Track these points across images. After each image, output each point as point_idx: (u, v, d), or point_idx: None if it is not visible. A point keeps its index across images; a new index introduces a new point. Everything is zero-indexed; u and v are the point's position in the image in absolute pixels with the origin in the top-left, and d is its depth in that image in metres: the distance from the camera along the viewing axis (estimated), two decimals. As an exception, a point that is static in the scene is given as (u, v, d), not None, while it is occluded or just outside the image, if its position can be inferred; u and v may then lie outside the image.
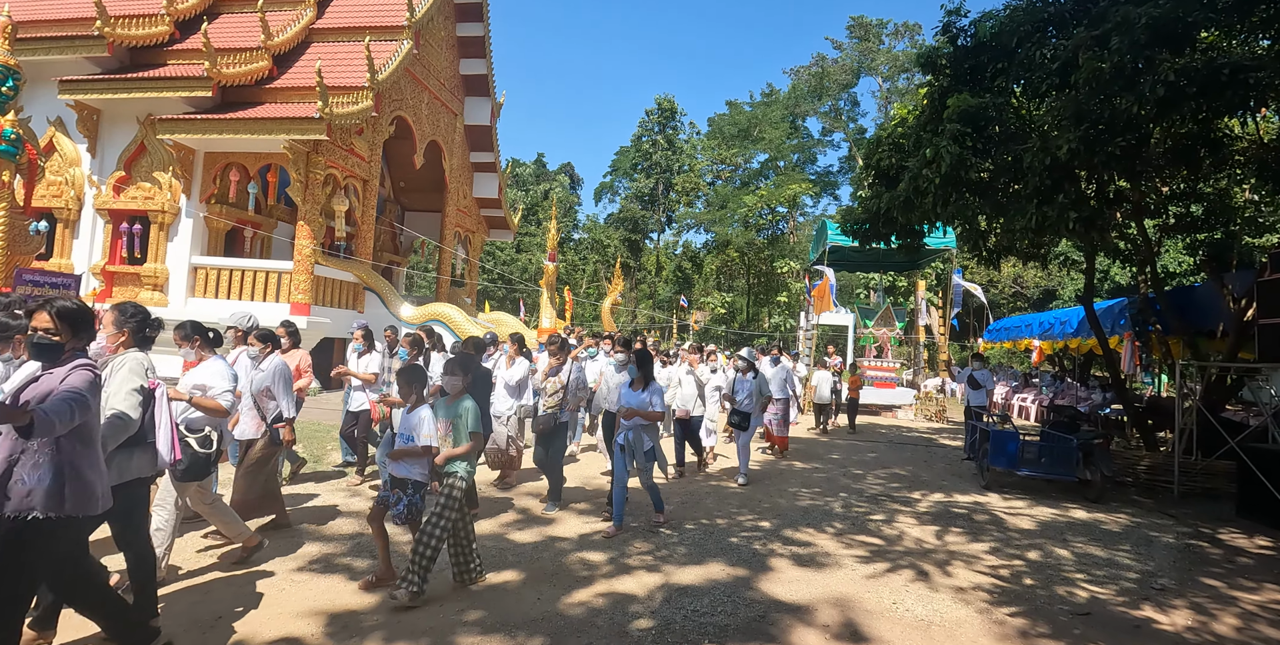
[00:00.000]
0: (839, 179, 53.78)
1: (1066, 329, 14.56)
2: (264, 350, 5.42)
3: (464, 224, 22.45)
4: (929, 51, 8.94)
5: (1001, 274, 33.60)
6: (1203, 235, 10.57)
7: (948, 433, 14.59)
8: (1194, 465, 8.55)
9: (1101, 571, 5.33)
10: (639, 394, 6.00)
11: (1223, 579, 5.27)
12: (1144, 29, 6.17)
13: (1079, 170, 7.46)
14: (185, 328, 4.68)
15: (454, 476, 4.29)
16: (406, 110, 17.66)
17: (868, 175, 9.74)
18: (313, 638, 3.64)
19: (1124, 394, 10.52)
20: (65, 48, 14.99)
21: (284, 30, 15.94)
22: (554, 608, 4.17)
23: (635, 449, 5.93)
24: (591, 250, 53.17)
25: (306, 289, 14.49)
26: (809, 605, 4.38)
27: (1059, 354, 20.39)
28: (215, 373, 4.47)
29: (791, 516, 6.70)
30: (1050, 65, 7.24)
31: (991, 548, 5.90)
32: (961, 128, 7.48)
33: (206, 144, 14.79)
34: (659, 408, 6.04)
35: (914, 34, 48.54)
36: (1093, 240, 9.13)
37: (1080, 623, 4.27)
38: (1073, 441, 8.20)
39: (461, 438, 4.37)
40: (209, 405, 4.32)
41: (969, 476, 9.31)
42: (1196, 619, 4.40)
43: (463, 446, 4.35)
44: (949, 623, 4.18)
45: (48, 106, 15.27)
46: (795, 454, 10.78)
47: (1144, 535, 6.52)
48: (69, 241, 15.60)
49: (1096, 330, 10.12)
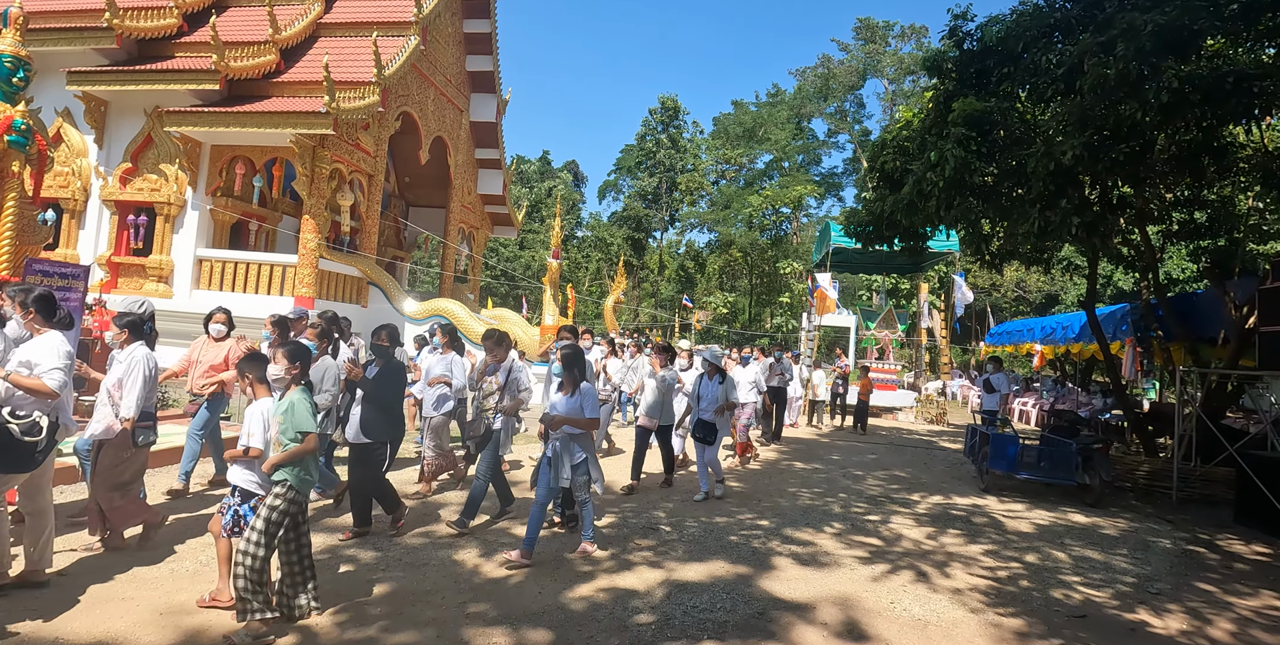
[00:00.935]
0: (843, 180, 53.89)
1: (1068, 334, 14.60)
2: (120, 338, 4.65)
3: (468, 220, 22.50)
4: (935, 55, 8.96)
5: (1004, 278, 33.61)
6: (1206, 242, 10.60)
7: (948, 435, 14.63)
8: (1193, 471, 8.58)
9: (1098, 575, 5.37)
10: (569, 399, 5.17)
11: (1219, 584, 5.31)
12: (1150, 36, 6.19)
13: (1083, 176, 7.48)
14: (20, 294, 4.13)
15: (281, 486, 3.63)
16: (413, 106, 17.70)
17: (872, 178, 9.77)
18: (318, 626, 3.69)
19: (1124, 399, 10.55)
20: (74, 39, 15.05)
21: (292, 24, 15.98)
22: (555, 601, 4.22)
23: (562, 462, 5.09)
24: (595, 248, 53.22)
25: (311, 282, 14.55)
26: (808, 603, 4.42)
27: (1060, 359, 20.40)
28: (48, 349, 3.86)
29: (791, 516, 6.74)
30: (1056, 71, 7.27)
31: (989, 550, 5.94)
32: (966, 132, 7.50)
33: (213, 137, 14.85)
34: (593, 414, 5.18)
35: (920, 36, 48.50)
36: (1095, 246, 9.16)
37: (1076, 625, 4.31)
38: (1072, 446, 8.23)
39: (287, 439, 3.66)
40: (31, 385, 3.74)
41: (968, 479, 9.35)
42: (1192, 623, 4.44)
43: (288, 450, 3.63)
44: (946, 623, 4.23)
45: (55, 97, 15.32)
46: (795, 454, 10.82)
47: (1141, 540, 6.55)
48: (75, 232, 15.66)
49: (1098, 335, 10.15)
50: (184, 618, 3.67)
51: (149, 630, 3.50)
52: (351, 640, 3.56)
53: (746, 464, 9.60)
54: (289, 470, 3.65)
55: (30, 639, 3.37)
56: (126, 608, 3.75)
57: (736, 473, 8.92)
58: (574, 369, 5.24)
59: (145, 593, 3.96)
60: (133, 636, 3.44)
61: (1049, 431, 9.37)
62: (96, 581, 4.08)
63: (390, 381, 5.44)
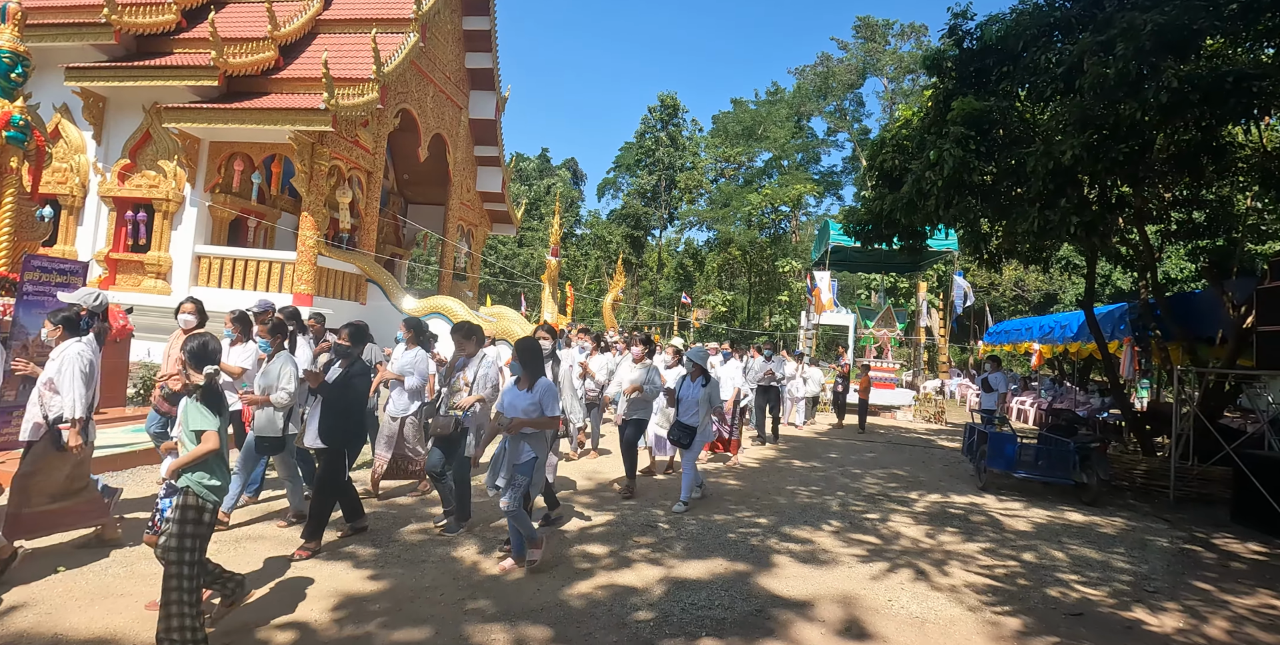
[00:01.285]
0: (843, 179, 53.93)
1: (1066, 333, 14.62)
2: (54, 334, 4.37)
3: (467, 218, 22.48)
4: (935, 54, 8.96)
5: (1003, 277, 33.65)
6: (1205, 242, 10.62)
7: (946, 434, 14.65)
8: (1190, 471, 8.60)
9: (1095, 573, 5.39)
10: (526, 394, 4.70)
11: (1215, 583, 5.33)
12: (1149, 35, 6.20)
13: (1082, 175, 7.49)
14: None
15: (185, 493, 3.31)
16: (412, 103, 17.67)
17: (871, 176, 9.78)
18: (319, 622, 3.70)
19: (1123, 399, 10.58)
20: (72, 35, 15.00)
21: (290, 21, 15.94)
22: (555, 598, 4.23)
23: (502, 463, 4.65)
24: (594, 246, 53.25)
25: (309, 279, 14.53)
26: (806, 601, 4.43)
27: (1059, 358, 20.44)
28: None
29: (790, 514, 6.76)
30: (1055, 70, 7.27)
31: (987, 548, 5.95)
32: (965, 131, 7.52)
33: (212, 133, 14.81)
34: (552, 412, 4.69)
35: (920, 35, 48.52)
36: (1094, 245, 9.18)
37: (1072, 623, 4.32)
38: (1070, 445, 8.25)
39: (188, 440, 3.38)
40: None
41: (966, 478, 9.37)
42: (1188, 621, 4.46)
43: (188, 453, 3.34)
44: (943, 621, 4.24)
45: (54, 93, 15.27)
46: (793, 452, 10.84)
47: (1139, 539, 6.57)
48: (73, 228, 15.62)
49: (1096, 335, 10.17)
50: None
51: (148, 626, 3.51)
52: (350, 637, 3.57)
53: (729, 461, 9.43)
54: (190, 475, 3.32)
55: (30, 634, 3.37)
56: (125, 603, 3.76)
57: (735, 471, 8.93)
58: (530, 363, 4.78)
59: (144, 588, 3.96)
60: (132, 632, 3.45)
61: (1047, 430, 9.39)
62: (95, 577, 4.09)
63: (349, 385, 5.04)
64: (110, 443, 6.81)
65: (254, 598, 3.96)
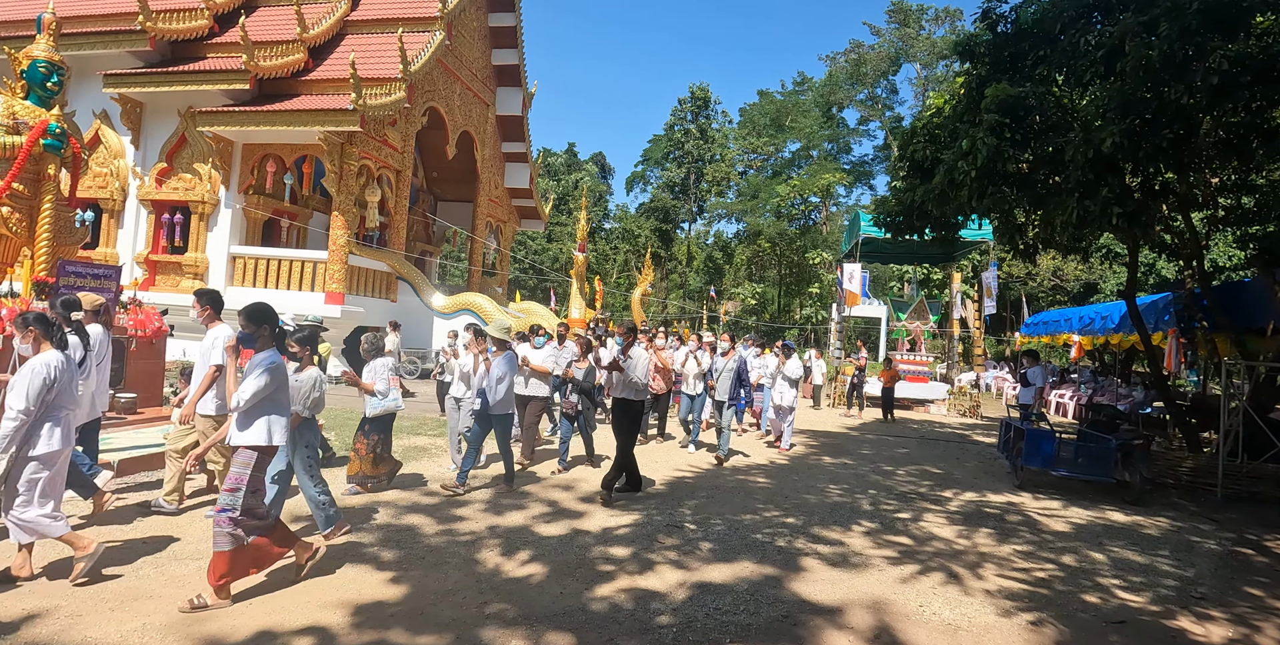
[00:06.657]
0: (874, 168, 53.05)
1: (1108, 324, 14.13)
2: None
3: (495, 214, 22.59)
4: (967, 39, 8.71)
5: (1040, 267, 32.78)
6: (1254, 228, 10.18)
7: (981, 429, 14.33)
8: (1239, 468, 8.27)
9: (1138, 578, 5.18)
10: None
11: (1267, 589, 5.09)
12: (1195, 14, 5.92)
13: (1123, 163, 7.21)
14: None
15: None
16: (439, 101, 17.78)
17: (902, 166, 9.55)
18: (338, 626, 3.71)
19: (1167, 392, 10.21)
20: (109, 42, 15.39)
21: (319, 22, 16.14)
22: (576, 602, 4.19)
23: None
24: (622, 240, 53.20)
25: (341, 278, 14.74)
26: (834, 606, 4.33)
27: (1099, 350, 19.82)
28: None
29: (819, 514, 6.64)
30: (1095, 53, 6.99)
31: (1024, 550, 5.77)
32: (999, 118, 7.28)
33: (244, 135, 15.09)
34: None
35: (955, 20, 47.43)
36: (1136, 235, 8.84)
37: (1114, 631, 4.16)
38: (1111, 442, 7.98)
39: None
40: None
41: (1002, 475, 9.13)
42: (1238, 631, 4.26)
43: None
44: (977, 628, 4.11)
45: (93, 99, 15.69)
46: (824, 449, 10.68)
47: (1184, 541, 6.33)
48: (114, 231, 16.06)
49: (1139, 326, 9.82)
50: (209, 620, 3.71)
51: (181, 633, 3.55)
52: (369, 641, 3.57)
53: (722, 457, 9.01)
54: None
55: (54, 642, 3.43)
56: (155, 606, 3.81)
57: (765, 468, 8.82)
58: None
59: (175, 590, 4.01)
60: (164, 643, 3.49)
61: (1086, 426, 9.09)
62: (124, 579, 4.16)
63: None
64: (146, 443, 6.95)
65: (271, 601, 3.99)
